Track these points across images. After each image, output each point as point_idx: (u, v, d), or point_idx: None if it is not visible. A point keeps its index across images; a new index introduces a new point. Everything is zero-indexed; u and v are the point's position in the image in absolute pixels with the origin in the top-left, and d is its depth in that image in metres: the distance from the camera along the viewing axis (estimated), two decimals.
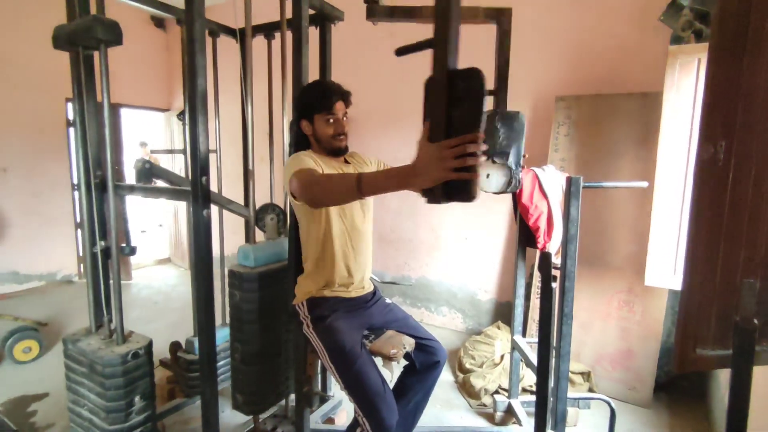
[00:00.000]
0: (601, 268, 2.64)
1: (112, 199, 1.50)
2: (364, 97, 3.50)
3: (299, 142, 1.55)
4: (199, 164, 1.45)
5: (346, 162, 1.60)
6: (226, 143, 2.54)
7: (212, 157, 2.36)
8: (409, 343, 1.56)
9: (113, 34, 1.36)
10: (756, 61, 1.13)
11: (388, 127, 3.67)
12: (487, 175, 1.51)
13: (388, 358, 1.47)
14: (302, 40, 1.54)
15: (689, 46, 2.00)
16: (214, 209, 1.60)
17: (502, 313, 3.34)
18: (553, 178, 2.14)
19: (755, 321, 1.22)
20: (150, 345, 1.56)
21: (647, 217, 2.53)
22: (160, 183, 1.81)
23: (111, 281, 1.68)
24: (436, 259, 3.64)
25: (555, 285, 1.68)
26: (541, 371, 1.58)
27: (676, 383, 2.60)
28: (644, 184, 1.72)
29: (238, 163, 2.22)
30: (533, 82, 3.03)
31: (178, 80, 5.45)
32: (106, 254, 1.70)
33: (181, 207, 5.40)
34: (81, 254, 4.79)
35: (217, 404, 1.59)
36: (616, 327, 2.59)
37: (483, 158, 0.98)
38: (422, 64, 0.97)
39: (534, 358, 2.11)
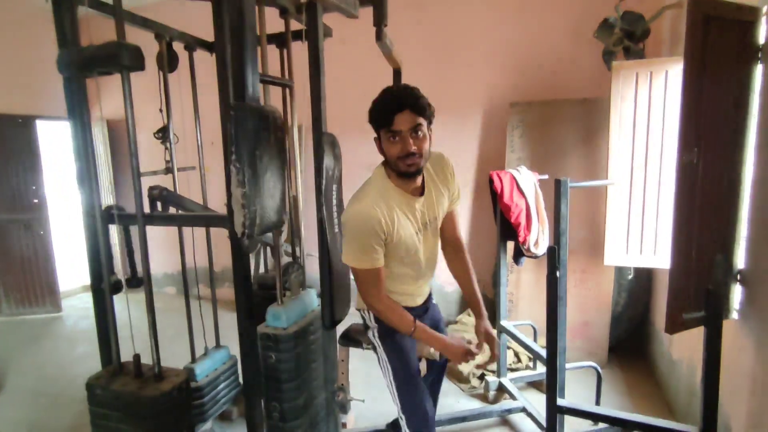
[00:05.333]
0: None
1: (140, 229, 1.42)
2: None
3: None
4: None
5: (422, 190, 1.43)
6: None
7: (194, 174, 2.29)
8: None
9: (138, 60, 1.29)
10: (714, 88, 1.45)
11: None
12: None
13: (430, 359, 1.60)
14: (319, 56, 1.57)
15: (629, 62, 2.38)
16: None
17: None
18: (528, 178, 2.42)
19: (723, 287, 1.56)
20: (188, 378, 1.51)
21: (593, 206, 2.94)
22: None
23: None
24: None
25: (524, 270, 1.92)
26: (551, 348, 1.82)
27: (624, 345, 3.06)
28: (612, 182, 2.05)
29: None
30: (487, 89, 3.33)
31: (101, 87, 4.94)
32: (116, 288, 1.60)
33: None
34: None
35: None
36: (575, 303, 2.97)
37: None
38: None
39: (522, 338, 2.37)
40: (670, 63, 2.23)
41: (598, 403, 2.26)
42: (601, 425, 2.13)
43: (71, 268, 5.24)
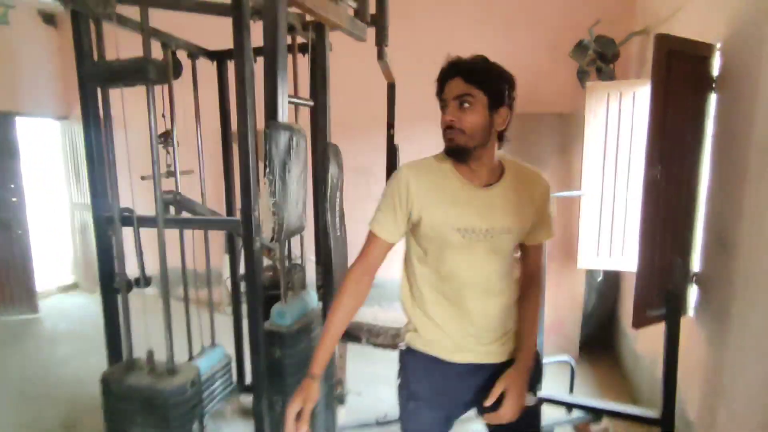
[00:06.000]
0: None
1: (159, 232, 1.50)
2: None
3: None
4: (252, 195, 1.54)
5: (491, 180, 1.14)
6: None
7: (193, 178, 2.37)
8: None
9: (163, 75, 1.38)
10: (676, 113, 1.66)
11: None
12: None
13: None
14: (326, 70, 1.70)
15: (601, 83, 2.61)
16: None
17: None
18: None
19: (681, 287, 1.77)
20: (199, 372, 1.60)
21: (566, 213, 3.17)
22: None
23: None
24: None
25: None
26: None
27: (593, 342, 3.30)
28: (582, 193, 2.26)
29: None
30: None
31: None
32: (128, 287, 1.67)
33: (89, 225, 4.84)
34: None
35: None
36: (549, 303, 3.17)
37: None
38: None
39: None
40: (637, 85, 2.47)
41: (571, 393, 2.46)
42: (575, 413, 2.33)
43: (47, 268, 5.14)
